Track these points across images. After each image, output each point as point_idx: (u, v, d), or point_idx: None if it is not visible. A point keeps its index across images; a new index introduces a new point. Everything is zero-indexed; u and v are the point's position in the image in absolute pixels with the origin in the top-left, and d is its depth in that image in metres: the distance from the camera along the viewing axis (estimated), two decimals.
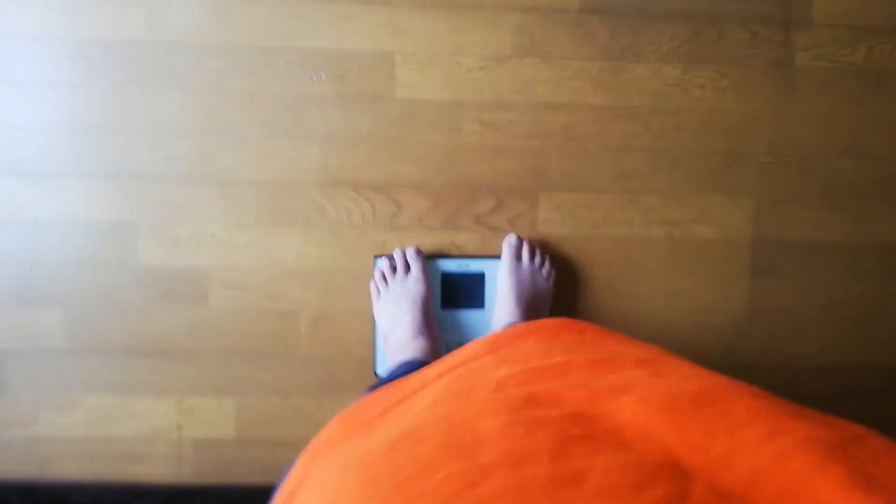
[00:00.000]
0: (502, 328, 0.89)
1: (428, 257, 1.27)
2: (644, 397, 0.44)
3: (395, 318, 1.21)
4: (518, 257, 1.25)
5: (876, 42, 1.29)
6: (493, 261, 1.28)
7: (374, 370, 1.29)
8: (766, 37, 1.27)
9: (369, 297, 1.27)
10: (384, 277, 1.24)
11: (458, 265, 1.28)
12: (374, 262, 1.27)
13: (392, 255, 1.26)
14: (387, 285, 1.24)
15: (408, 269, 1.24)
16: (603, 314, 1.32)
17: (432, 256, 1.27)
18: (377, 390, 0.67)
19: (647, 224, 1.30)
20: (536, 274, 1.25)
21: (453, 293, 1.29)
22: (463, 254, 1.29)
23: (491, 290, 1.28)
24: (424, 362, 1.02)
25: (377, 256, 1.26)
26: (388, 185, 1.27)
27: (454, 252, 1.29)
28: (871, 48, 1.29)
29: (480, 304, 1.29)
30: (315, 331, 1.29)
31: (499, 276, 1.27)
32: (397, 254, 1.25)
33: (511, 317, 1.21)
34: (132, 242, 1.26)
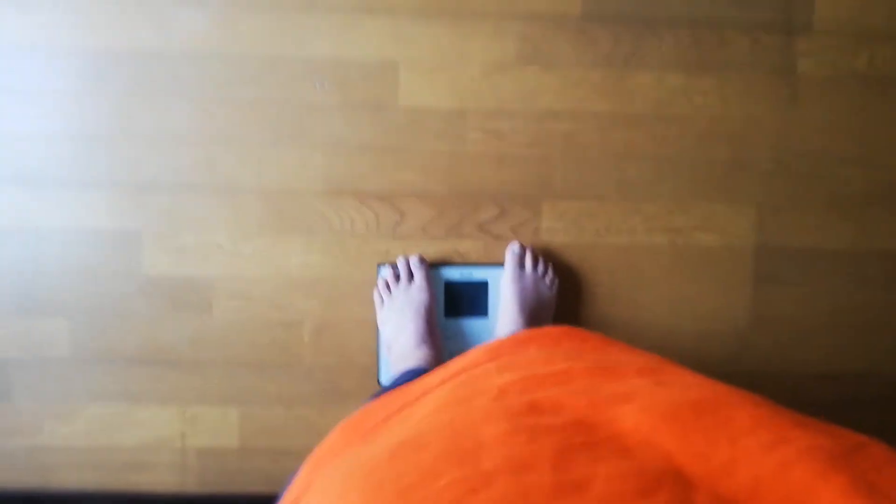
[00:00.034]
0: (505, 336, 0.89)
1: (431, 265, 1.27)
2: (646, 406, 0.45)
3: (399, 326, 1.21)
4: (521, 265, 1.25)
5: (878, 48, 1.28)
6: (497, 269, 1.28)
7: (378, 379, 1.29)
8: (767, 43, 1.27)
9: (372, 306, 1.27)
10: (387, 286, 1.24)
11: (462, 273, 1.28)
12: (378, 270, 1.27)
13: (395, 263, 1.26)
14: (390, 294, 1.24)
15: (411, 277, 1.24)
16: (606, 322, 1.31)
17: (436, 265, 1.27)
18: (379, 397, 0.67)
19: (650, 232, 1.30)
20: (539, 282, 1.25)
21: (456, 302, 1.29)
22: (466, 262, 1.29)
23: (494, 299, 1.28)
24: (428, 371, 1.02)
25: (381, 265, 1.27)
26: (391, 194, 1.27)
27: (457, 260, 1.29)
28: (873, 54, 1.29)
29: (484, 313, 1.29)
30: (318, 340, 1.29)
31: (502, 285, 1.26)
32: (401, 262, 1.25)
33: (514, 325, 1.21)
34: (137, 252, 1.26)
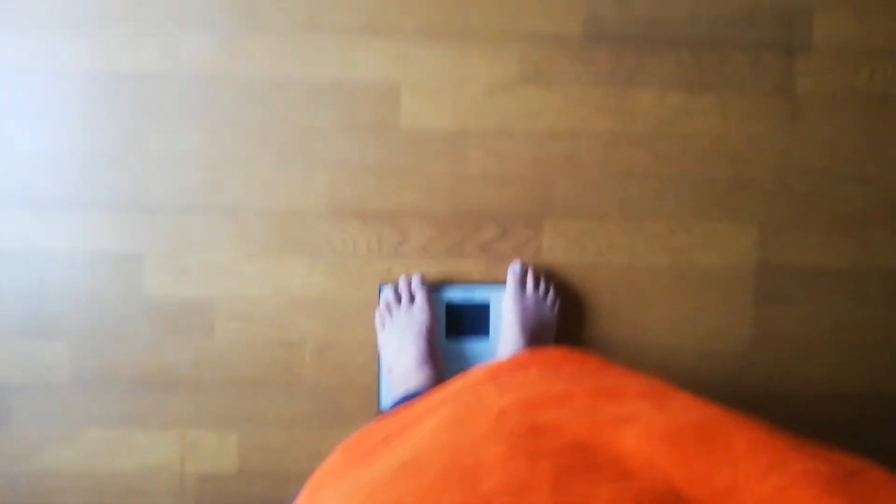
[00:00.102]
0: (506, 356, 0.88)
1: (432, 287, 1.27)
2: (647, 429, 0.45)
3: (400, 347, 1.21)
4: (522, 285, 1.25)
5: (878, 65, 1.29)
6: (498, 289, 1.27)
7: (379, 401, 1.28)
8: (768, 62, 1.27)
9: (374, 327, 1.27)
10: (388, 308, 1.24)
11: (463, 294, 1.28)
12: (380, 289, 1.27)
13: (397, 283, 1.26)
14: (391, 316, 1.24)
15: (412, 298, 1.24)
16: (607, 342, 1.31)
17: (437, 286, 1.27)
18: (380, 419, 0.67)
19: (652, 251, 1.30)
20: (541, 302, 1.25)
21: (458, 322, 1.28)
22: (468, 281, 1.29)
23: (495, 319, 1.28)
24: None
25: (382, 285, 1.27)
26: (393, 214, 1.27)
27: (459, 280, 1.29)
28: (872, 71, 1.29)
29: (485, 333, 1.29)
30: (320, 360, 1.29)
31: (503, 305, 1.26)
32: (402, 282, 1.25)
33: (515, 345, 1.20)
34: (139, 273, 1.25)
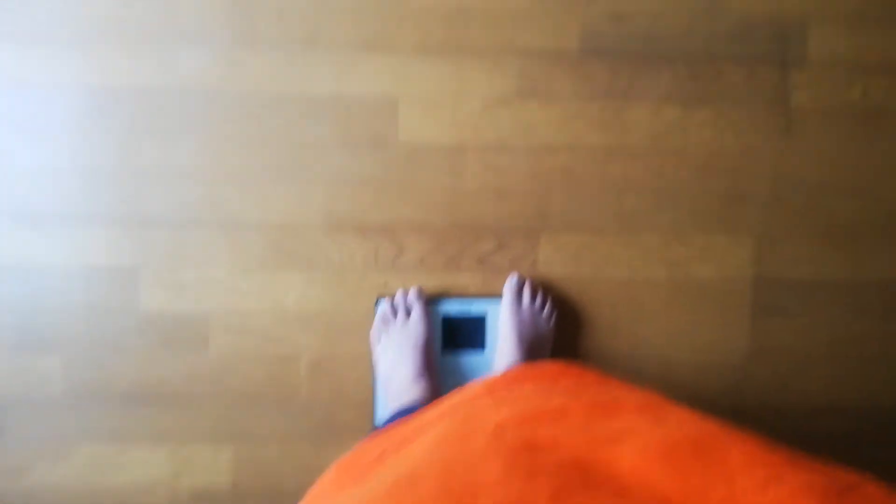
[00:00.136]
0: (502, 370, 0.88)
1: (429, 300, 1.26)
2: (643, 445, 0.44)
3: (396, 361, 1.20)
4: (519, 298, 1.25)
5: (872, 79, 1.29)
6: (495, 302, 1.27)
7: (374, 417, 1.28)
8: (763, 76, 1.28)
9: (369, 341, 1.27)
10: (385, 321, 1.24)
11: (460, 307, 1.28)
12: (377, 303, 1.26)
13: (394, 296, 1.26)
14: (388, 329, 1.24)
15: (409, 312, 1.24)
16: (604, 355, 1.31)
17: (434, 299, 1.27)
18: (375, 436, 0.67)
19: (648, 264, 1.30)
20: (537, 315, 1.25)
21: (454, 335, 1.28)
22: (464, 294, 1.29)
23: (492, 332, 1.28)
24: (424, 405, 1.02)
25: (379, 298, 1.26)
26: (390, 228, 1.27)
27: (456, 293, 1.28)
28: (867, 86, 1.29)
29: (482, 346, 1.28)
30: (315, 374, 1.28)
31: (500, 318, 1.26)
32: (399, 295, 1.25)
33: (512, 358, 1.20)
34: (134, 288, 1.25)
